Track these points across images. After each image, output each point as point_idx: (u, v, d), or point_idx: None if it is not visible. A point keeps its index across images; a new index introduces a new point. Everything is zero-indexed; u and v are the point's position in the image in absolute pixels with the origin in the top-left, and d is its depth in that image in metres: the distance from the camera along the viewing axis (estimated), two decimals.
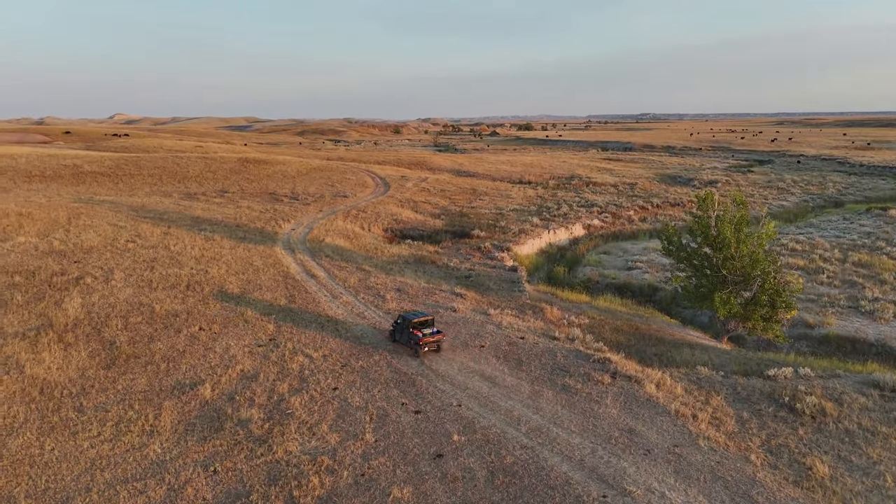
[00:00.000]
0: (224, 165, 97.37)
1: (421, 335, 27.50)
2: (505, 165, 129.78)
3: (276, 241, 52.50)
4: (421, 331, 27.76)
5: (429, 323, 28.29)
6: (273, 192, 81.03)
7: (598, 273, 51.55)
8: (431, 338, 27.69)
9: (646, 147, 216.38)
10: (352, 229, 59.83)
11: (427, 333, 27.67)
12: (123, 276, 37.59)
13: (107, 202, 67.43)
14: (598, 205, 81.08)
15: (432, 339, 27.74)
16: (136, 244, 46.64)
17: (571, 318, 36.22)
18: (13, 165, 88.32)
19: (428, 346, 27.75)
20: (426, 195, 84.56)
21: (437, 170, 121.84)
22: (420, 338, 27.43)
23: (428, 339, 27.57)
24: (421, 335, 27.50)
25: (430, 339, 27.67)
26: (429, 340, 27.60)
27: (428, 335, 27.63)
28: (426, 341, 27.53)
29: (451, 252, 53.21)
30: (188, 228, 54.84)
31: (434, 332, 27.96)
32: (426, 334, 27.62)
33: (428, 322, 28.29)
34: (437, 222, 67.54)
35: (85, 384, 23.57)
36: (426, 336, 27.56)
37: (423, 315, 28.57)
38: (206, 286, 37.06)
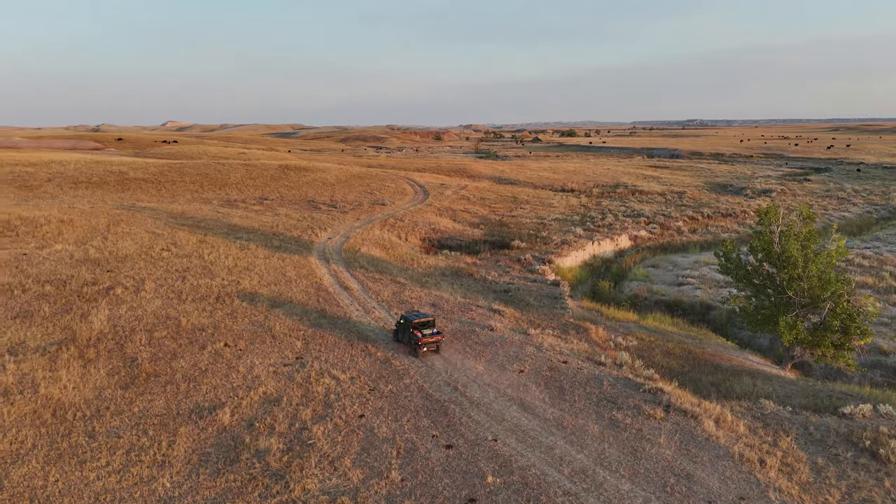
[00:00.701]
0: (265, 172, 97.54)
1: (420, 335, 28.06)
2: (547, 173, 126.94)
3: (312, 250, 51.37)
4: (421, 331, 28.31)
5: (429, 324, 28.80)
6: (312, 199, 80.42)
7: (646, 288, 48.63)
8: (430, 338, 28.26)
9: (693, 154, 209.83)
10: (388, 239, 58.35)
11: (426, 334, 28.21)
12: (154, 287, 36.79)
13: (148, 209, 67.76)
14: (644, 214, 77.74)
15: (431, 340, 28.31)
16: (170, 253, 46.08)
17: (618, 340, 33.66)
18: (62, 172, 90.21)
19: (427, 347, 28.38)
20: (465, 203, 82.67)
21: (477, 177, 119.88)
22: (419, 338, 28.00)
23: (427, 339, 28.14)
24: (420, 335, 28.06)
25: (429, 340, 28.26)
26: (427, 341, 28.20)
27: (427, 336, 28.16)
28: (425, 341, 28.12)
29: (490, 264, 51.10)
30: (224, 236, 54.25)
31: (434, 333, 28.43)
32: (425, 335, 28.15)
33: (428, 323, 28.78)
34: (476, 232, 65.51)
35: (100, 406, 22.38)
36: (425, 336, 28.11)
37: (425, 316, 29.04)
38: (235, 298, 35.93)
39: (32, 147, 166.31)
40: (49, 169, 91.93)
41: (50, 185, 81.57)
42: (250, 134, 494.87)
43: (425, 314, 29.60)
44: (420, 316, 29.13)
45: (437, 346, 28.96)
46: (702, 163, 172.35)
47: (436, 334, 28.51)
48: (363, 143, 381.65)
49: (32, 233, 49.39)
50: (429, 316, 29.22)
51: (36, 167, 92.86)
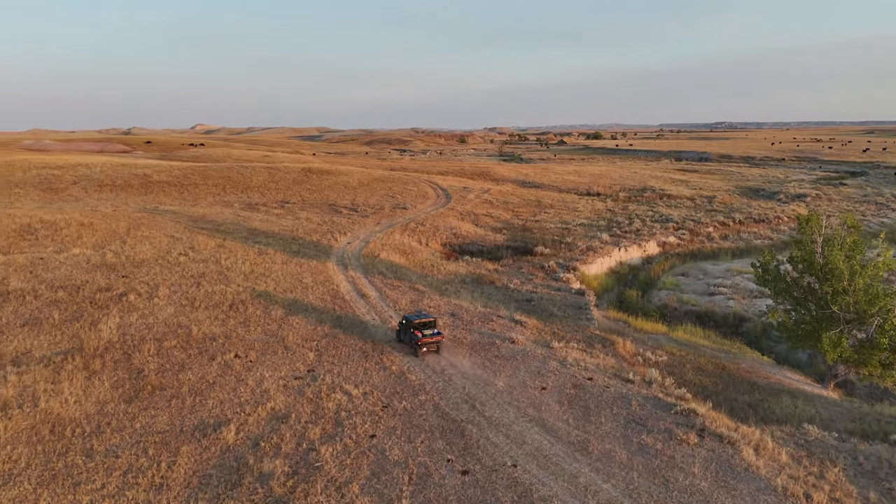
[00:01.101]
0: (287, 176, 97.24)
1: (420, 335, 28.33)
2: (572, 176, 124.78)
3: (330, 255, 50.38)
4: (421, 332, 28.59)
5: (430, 324, 29.08)
6: (333, 203, 79.68)
7: (676, 298, 46.64)
8: (430, 339, 28.56)
9: (723, 157, 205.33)
10: (408, 244, 57.15)
11: (427, 334, 28.50)
12: (168, 293, 36.03)
13: (169, 212, 67.59)
14: (673, 220, 75.40)
15: (431, 340, 28.61)
16: (187, 257, 45.44)
17: (647, 355, 31.89)
18: (88, 175, 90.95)
19: (427, 347, 28.71)
20: (488, 207, 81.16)
21: (500, 180, 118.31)
22: (419, 338, 28.31)
23: (426, 339, 28.45)
24: (420, 335, 28.33)
25: (429, 340, 28.55)
26: (427, 341, 28.50)
27: (427, 336, 28.46)
28: (424, 342, 28.42)
29: (512, 271, 49.56)
30: (243, 241, 53.58)
31: (434, 334, 28.72)
32: (425, 335, 28.43)
33: (429, 324, 29.07)
34: (499, 237, 63.98)
35: (101, 421, 21.43)
36: (425, 337, 28.41)
37: (426, 317, 29.34)
38: (249, 305, 34.98)
39: (62, 150, 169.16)
40: (75, 172, 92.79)
41: (75, 188, 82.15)
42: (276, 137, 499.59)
43: (427, 314, 29.90)
44: (421, 316, 29.39)
45: (438, 346, 29.25)
46: (731, 166, 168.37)
47: (436, 335, 28.77)
48: (387, 145, 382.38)
49: (52, 236, 49.22)
50: (430, 316, 29.47)
51: (63, 170, 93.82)
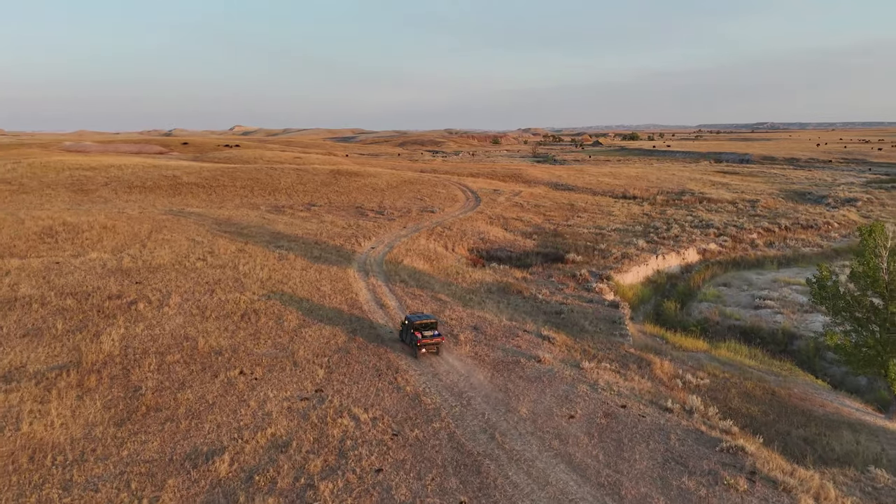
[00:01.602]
0: (315, 178, 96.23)
1: (420, 336, 28.28)
2: (607, 178, 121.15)
3: (352, 261, 48.61)
4: (422, 333, 28.51)
5: (431, 326, 28.92)
6: (360, 205, 78.15)
7: (718, 311, 43.44)
8: (430, 340, 28.48)
9: (765, 159, 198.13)
10: (434, 249, 55.03)
11: (427, 335, 28.44)
12: (179, 301, 34.61)
13: (194, 214, 66.89)
14: (714, 225, 71.64)
15: (430, 342, 28.55)
16: (205, 262, 44.16)
17: (687, 377, 29.08)
18: (119, 176, 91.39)
19: (426, 348, 28.67)
20: (518, 211, 78.57)
21: (532, 182, 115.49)
22: (418, 339, 28.25)
23: (425, 340, 28.38)
24: (420, 336, 28.28)
25: (428, 342, 28.48)
26: (426, 342, 28.45)
27: (427, 337, 28.41)
28: (424, 342, 28.37)
29: (542, 280, 46.99)
30: (265, 245, 52.23)
31: (434, 335, 28.65)
32: (425, 336, 28.39)
33: (430, 325, 28.93)
34: (528, 243, 61.39)
35: (86, 448, 19.80)
36: (425, 338, 28.36)
37: (428, 318, 29.31)
38: (262, 316, 33.30)
39: (100, 151, 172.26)
40: (107, 173, 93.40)
41: (105, 190, 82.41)
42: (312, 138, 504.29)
43: (428, 315, 29.89)
44: (423, 317, 29.38)
45: (438, 347, 29.14)
46: (775, 168, 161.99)
47: (436, 336, 28.73)
48: (420, 147, 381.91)
49: (73, 239, 48.59)
50: (431, 318, 29.46)
51: (95, 171, 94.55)
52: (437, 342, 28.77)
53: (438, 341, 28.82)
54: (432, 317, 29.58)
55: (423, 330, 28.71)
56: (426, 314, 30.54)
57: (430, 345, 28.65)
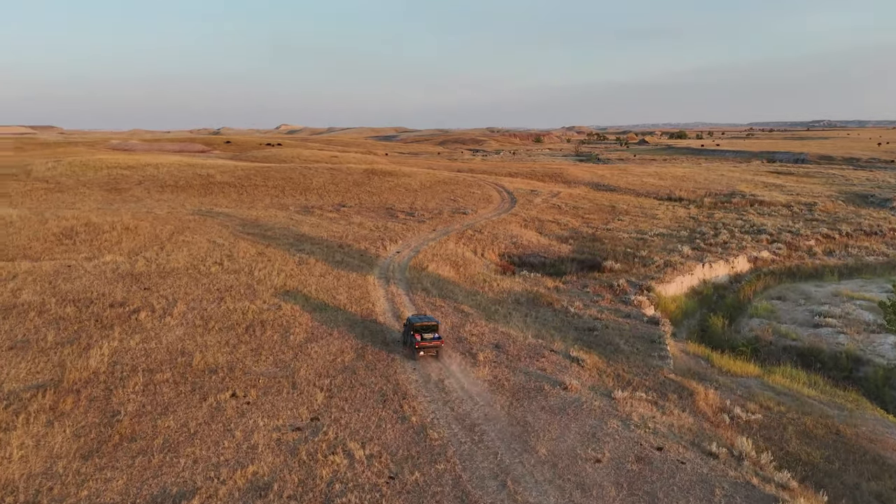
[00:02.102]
0: (348, 177, 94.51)
1: (420, 338, 27.73)
2: (652, 178, 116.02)
3: (375, 266, 46.18)
4: (421, 335, 27.91)
5: (431, 328, 28.30)
6: (391, 206, 75.86)
7: (771, 329, 39.29)
8: (428, 343, 27.95)
9: (822, 158, 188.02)
10: (462, 254, 52.14)
11: (426, 338, 27.86)
12: (184, 311, 32.71)
13: (222, 214, 65.73)
14: (766, 231, 66.62)
15: (429, 345, 28.01)
16: (220, 267, 42.38)
17: (736, 411, 25.45)
18: (154, 175, 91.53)
19: (424, 351, 28.06)
20: (555, 213, 74.94)
21: (573, 183, 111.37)
22: (417, 341, 27.70)
23: (423, 343, 27.85)
24: (420, 338, 27.73)
25: (426, 344, 27.95)
26: (424, 345, 27.91)
27: (427, 340, 27.82)
28: (422, 345, 27.84)
29: (575, 290, 43.58)
30: (286, 248, 50.33)
31: (434, 338, 28.04)
32: (425, 338, 27.82)
33: (430, 327, 28.31)
34: (564, 248, 57.87)
35: (42, 486, 17.70)
36: (424, 340, 27.80)
37: (429, 320, 28.80)
38: (268, 328, 31.08)
39: (144, 150, 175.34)
40: (143, 172, 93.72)
41: (138, 189, 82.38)
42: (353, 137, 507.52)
43: (430, 318, 29.27)
44: (424, 319, 28.84)
45: (437, 351, 28.51)
46: (833, 168, 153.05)
47: (436, 339, 28.15)
48: (461, 145, 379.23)
49: (91, 241, 47.61)
50: (433, 320, 28.86)
51: (132, 170, 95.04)
52: (435, 345, 28.17)
53: (437, 344, 28.20)
54: (433, 319, 29.01)
55: (423, 332, 28.09)
56: (427, 316, 30.08)
57: (429, 347, 28.09)
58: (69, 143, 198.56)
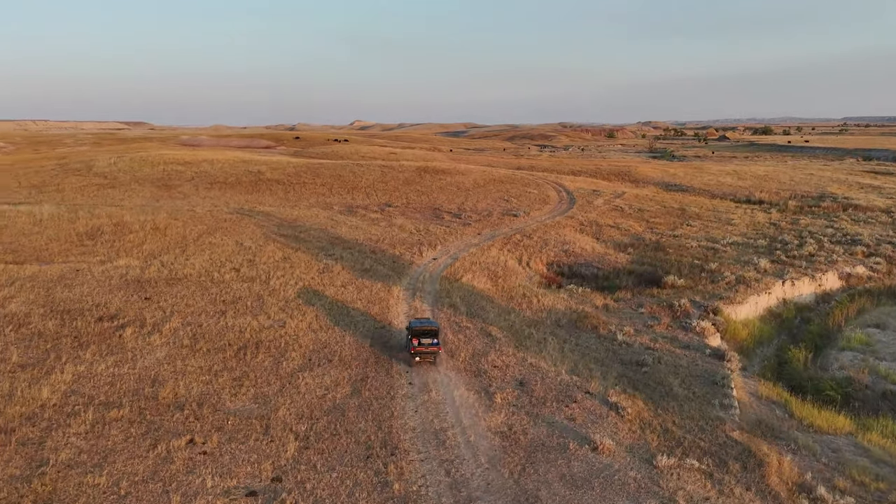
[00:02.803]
0: (399, 175, 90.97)
1: (417, 343, 26.62)
2: (729, 178, 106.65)
3: (404, 276, 42.10)
4: (419, 339, 26.76)
5: (430, 333, 27.10)
6: (438, 207, 71.63)
7: (867, 367, 32.31)
8: (425, 348, 26.75)
9: None
10: (504, 263, 47.22)
11: (424, 343, 26.69)
12: (177, 327, 29.60)
13: (262, 214, 63.47)
14: (862, 241, 57.95)
15: (425, 350, 26.80)
16: (236, 274, 39.38)
17: (820, 491, 19.55)
18: (207, 172, 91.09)
19: (420, 357, 26.87)
20: (616, 216, 68.51)
21: (641, 182, 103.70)
22: (413, 346, 26.62)
23: (420, 348, 26.70)
24: (417, 343, 26.62)
25: (423, 350, 26.75)
26: (421, 350, 26.75)
27: (423, 345, 26.65)
28: (418, 350, 26.71)
29: (628, 309, 37.87)
30: (316, 252, 47.05)
31: (432, 344, 26.82)
32: (422, 343, 26.67)
33: (430, 332, 27.10)
34: (621, 257, 51.82)
35: None
36: (421, 345, 26.66)
37: (430, 324, 27.70)
38: (261, 352, 27.45)
39: (211, 145, 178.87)
40: (198, 168, 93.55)
41: (188, 185, 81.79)
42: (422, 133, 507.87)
43: (431, 322, 28.28)
44: (425, 323, 27.87)
45: (434, 357, 27.26)
46: None
47: (433, 345, 26.95)
48: (530, 141, 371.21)
49: (114, 241, 45.84)
50: (433, 324, 27.72)
51: (187, 166, 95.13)
52: (432, 351, 26.97)
53: (434, 350, 26.99)
54: (434, 323, 27.92)
55: (422, 337, 26.89)
56: (429, 320, 28.81)
57: (426, 353, 26.93)
58: (145, 138, 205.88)
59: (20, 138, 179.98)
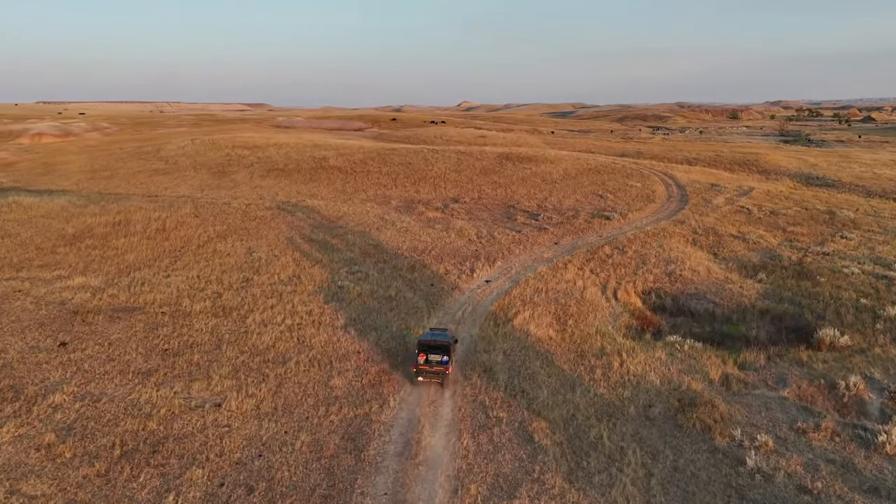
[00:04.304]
0: (477, 163, 79.25)
1: (423, 360, 22.21)
2: (888, 169, 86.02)
3: (437, 310, 31.12)
4: (426, 355, 22.31)
5: (441, 349, 22.50)
6: (514, 203, 59.56)
7: None
8: (429, 367, 22.23)
9: None
10: (581, 291, 34.74)
11: (433, 361, 22.22)
12: (61, 403, 20.26)
13: (305, 209, 54.54)
14: None
15: (430, 369, 22.26)
16: (212, 304, 29.97)
17: None
18: (270, 157, 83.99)
19: (424, 376, 22.33)
20: (742, 222, 53.23)
21: (772, 173, 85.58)
22: (417, 363, 22.27)
23: (423, 367, 22.24)
24: (423, 360, 22.21)
25: (426, 368, 22.25)
26: (424, 368, 22.25)
27: (430, 364, 22.17)
28: (421, 368, 22.26)
29: (762, 388, 24.38)
30: (337, 267, 37.14)
31: (440, 363, 22.27)
32: (430, 361, 22.23)
33: (441, 347, 22.51)
34: (749, 287, 37.49)
35: None
36: (424, 364, 22.22)
37: (442, 338, 23.09)
38: (154, 462, 17.40)
39: (304, 126, 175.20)
40: (263, 153, 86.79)
41: (243, 173, 74.71)
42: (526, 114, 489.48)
43: (444, 335, 23.59)
44: (437, 336, 23.45)
45: (443, 379, 22.49)
46: None
47: (443, 363, 22.24)
48: (641, 122, 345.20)
49: (94, 248, 38.01)
50: (447, 338, 23.07)
51: (253, 150, 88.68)
52: (438, 371, 22.49)
53: (441, 370, 22.45)
54: (448, 337, 23.53)
55: (429, 352, 22.63)
56: (443, 332, 24.18)
57: (430, 373, 22.49)
58: (242, 119, 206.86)
59: (126, 119, 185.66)
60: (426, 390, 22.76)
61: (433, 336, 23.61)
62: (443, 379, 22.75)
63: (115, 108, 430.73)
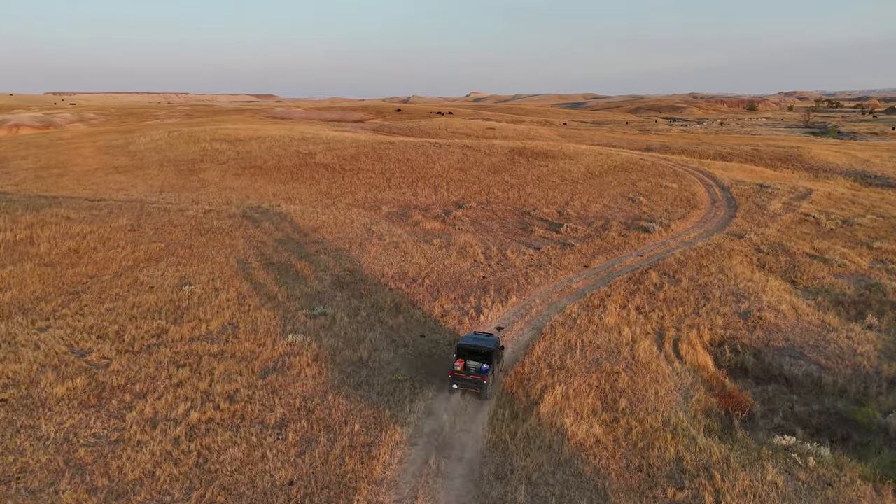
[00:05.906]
0: (485, 159, 68.88)
1: (461, 367, 19.80)
2: None
3: (427, 387, 21.00)
4: (465, 361, 20.09)
5: (482, 355, 20.10)
6: (529, 209, 49.29)
7: None
8: (466, 375, 19.55)
9: None
10: (629, 347, 24.56)
11: (472, 368, 19.87)
12: None
13: (276, 217, 44.70)
14: None
15: (467, 377, 19.57)
16: (91, 382, 20.07)
17: None
18: (250, 151, 73.92)
19: (460, 384, 19.70)
20: (812, 236, 42.73)
21: (820, 170, 74.99)
22: (455, 370, 19.75)
23: (460, 374, 19.63)
24: (461, 367, 19.80)
25: (464, 376, 19.55)
26: (461, 377, 19.61)
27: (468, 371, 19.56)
28: (457, 375, 19.66)
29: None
30: (296, 307, 27.33)
31: (481, 370, 19.81)
32: (468, 368, 19.84)
33: (481, 353, 20.10)
34: (859, 337, 27.01)
35: None
36: (462, 371, 19.61)
37: (485, 343, 20.32)
38: None
39: (303, 118, 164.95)
40: (243, 147, 76.71)
41: (215, 171, 64.63)
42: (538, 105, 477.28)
43: (489, 339, 20.80)
44: (479, 341, 20.54)
45: (482, 388, 19.73)
46: None
47: (482, 371, 19.77)
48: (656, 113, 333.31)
49: None
50: (490, 344, 20.28)
51: (233, 144, 78.64)
52: (475, 379, 19.35)
53: (478, 379, 19.31)
54: (492, 342, 20.30)
55: (469, 358, 19.97)
56: (487, 336, 20.94)
57: (468, 381, 19.40)
58: (239, 110, 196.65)
59: (116, 110, 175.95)
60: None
61: (475, 340, 20.94)
62: (482, 389, 19.89)
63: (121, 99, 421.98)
